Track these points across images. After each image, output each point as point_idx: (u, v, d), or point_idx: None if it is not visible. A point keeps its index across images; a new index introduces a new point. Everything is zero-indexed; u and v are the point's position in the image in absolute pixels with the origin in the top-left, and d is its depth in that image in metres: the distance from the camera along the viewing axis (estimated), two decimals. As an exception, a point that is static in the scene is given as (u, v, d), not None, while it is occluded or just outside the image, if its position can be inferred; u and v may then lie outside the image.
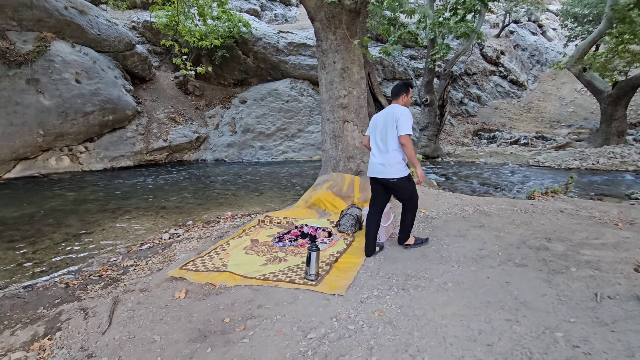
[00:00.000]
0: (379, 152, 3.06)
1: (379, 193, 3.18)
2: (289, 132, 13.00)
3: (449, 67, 12.40)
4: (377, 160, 3.07)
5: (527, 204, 4.56)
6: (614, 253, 2.81)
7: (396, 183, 3.01)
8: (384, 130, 3.00)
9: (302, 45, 13.55)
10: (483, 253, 2.87)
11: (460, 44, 16.31)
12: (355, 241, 3.61)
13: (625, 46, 14.21)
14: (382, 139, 3.02)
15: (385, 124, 3.00)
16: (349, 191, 4.77)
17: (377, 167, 3.06)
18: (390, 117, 2.95)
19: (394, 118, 2.91)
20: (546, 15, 26.07)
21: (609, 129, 12.91)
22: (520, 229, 3.44)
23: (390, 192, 3.19)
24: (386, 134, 2.98)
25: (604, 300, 2.07)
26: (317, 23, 4.78)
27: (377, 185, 3.16)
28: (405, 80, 3.06)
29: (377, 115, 3.20)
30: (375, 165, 3.09)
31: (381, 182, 3.09)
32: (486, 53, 20.06)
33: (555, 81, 22.11)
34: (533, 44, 23.57)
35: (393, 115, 2.93)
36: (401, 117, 2.88)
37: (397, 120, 2.88)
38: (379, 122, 3.10)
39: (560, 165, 10.83)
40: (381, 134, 3.03)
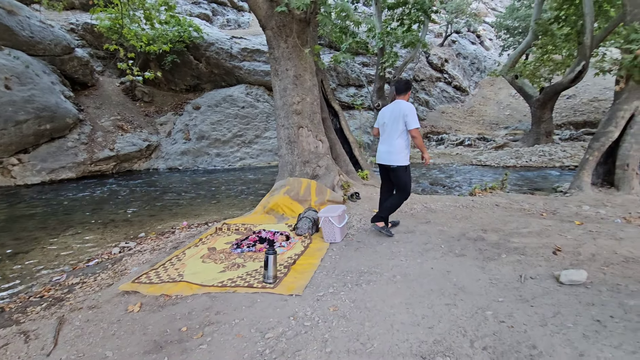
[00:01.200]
0: (385, 141, 3.50)
1: (385, 177, 3.71)
2: (246, 138, 12.87)
3: (398, 73, 13.08)
4: (383, 148, 3.53)
5: (468, 200, 4.99)
6: (537, 239, 3.20)
7: (396, 169, 3.46)
8: (390, 123, 3.42)
9: (257, 51, 13.53)
10: (428, 246, 3.12)
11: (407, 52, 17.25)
12: (313, 243, 3.72)
13: (549, 56, 15.96)
14: (389, 130, 3.44)
15: (392, 118, 3.40)
16: (305, 195, 4.88)
17: (383, 155, 3.53)
18: (397, 112, 3.34)
19: (401, 114, 3.30)
20: (483, 27, 28.43)
21: (538, 130, 14.37)
22: (461, 223, 3.77)
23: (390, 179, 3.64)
24: (392, 127, 3.40)
25: (527, 280, 2.37)
26: (268, 31, 4.87)
27: (383, 170, 3.68)
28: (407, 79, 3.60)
29: (385, 109, 3.61)
30: (381, 153, 3.56)
31: (385, 167, 3.59)
32: (432, 61, 21.37)
33: (493, 87, 24.15)
34: (473, 52, 25.57)
35: (400, 111, 3.32)
36: (409, 113, 3.29)
37: (405, 117, 3.29)
38: (386, 115, 3.52)
39: (499, 164, 11.86)
40: (389, 126, 3.44)
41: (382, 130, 3.60)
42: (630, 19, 5.60)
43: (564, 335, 1.70)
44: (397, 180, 3.55)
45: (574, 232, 3.40)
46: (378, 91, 12.50)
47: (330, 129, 6.22)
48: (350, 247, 3.39)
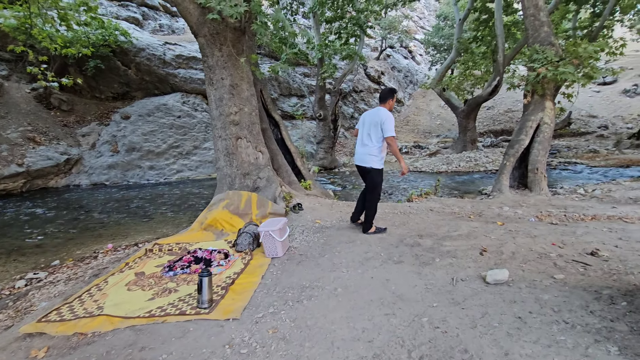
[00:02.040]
0: (364, 144, 3.70)
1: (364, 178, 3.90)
2: (184, 149, 12.17)
3: (338, 84, 13.45)
4: (360, 150, 3.77)
5: (406, 206, 5.22)
6: (466, 241, 3.42)
7: (370, 171, 3.69)
8: (370, 127, 3.63)
9: (193, 58, 12.96)
10: (369, 255, 3.16)
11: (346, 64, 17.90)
12: (254, 259, 3.56)
13: (470, 71, 17.72)
14: (367, 134, 3.65)
15: (371, 123, 3.62)
16: (246, 209, 4.69)
17: (361, 156, 3.75)
18: (376, 118, 3.56)
19: (380, 120, 3.52)
20: (414, 43, 30.70)
21: (465, 138, 15.77)
22: (400, 229, 3.91)
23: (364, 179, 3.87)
24: (369, 131, 3.62)
25: (458, 283, 2.50)
26: (200, 39, 4.65)
27: (360, 172, 3.91)
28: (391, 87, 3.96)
29: (366, 113, 3.82)
30: (358, 154, 3.80)
31: (360, 169, 3.82)
32: (369, 73, 22.41)
33: (425, 98, 26.08)
34: (406, 66, 27.40)
35: (379, 117, 3.54)
36: (386, 121, 3.49)
37: (382, 124, 3.50)
38: (366, 119, 3.73)
39: (433, 170, 12.75)
40: (367, 130, 3.65)
41: (360, 133, 3.80)
42: (532, 41, 6.42)
43: (491, 335, 1.80)
44: (370, 181, 3.77)
45: (497, 233, 3.70)
46: (319, 101, 12.71)
47: (270, 139, 6.11)
48: (292, 261, 3.30)
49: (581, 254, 3.05)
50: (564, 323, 1.84)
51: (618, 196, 6.01)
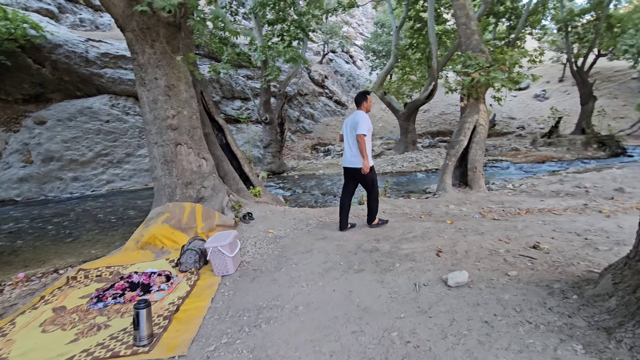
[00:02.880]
0: (349, 147, 3.97)
1: (349, 180, 4.16)
2: (114, 157, 10.99)
3: (283, 87, 13.24)
4: (348, 152, 4.00)
5: (358, 209, 5.18)
6: (422, 243, 3.44)
7: (360, 170, 3.88)
8: (351, 130, 3.92)
9: (122, 57, 11.79)
10: (328, 265, 3.00)
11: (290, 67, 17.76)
12: (201, 279, 3.19)
13: (407, 76, 18.71)
14: (350, 137, 3.93)
15: (352, 126, 3.91)
16: (190, 222, 4.26)
17: (349, 159, 3.99)
18: (354, 122, 3.87)
19: (355, 122, 3.82)
20: (354, 49, 31.66)
21: (406, 139, 16.54)
22: (356, 235, 3.82)
23: (357, 180, 4.08)
24: (351, 134, 3.91)
25: (421, 288, 2.45)
26: (128, 33, 4.12)
27: (348, 173, 4.11)
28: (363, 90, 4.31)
29: (347, 119, 4.07)
30: (347, 157, 4.02)
31: (350, 171, 4.03)
32: (313, 77, 22.54)
33: (367, 102, 26.99)
34: (348, 71, 28.11)
35: (355, 120, 3.85)
36: (359, 121, 3.81)
37: (357, 125, 3.79)
38: (347, 124, 4.01)
39: (379, 171, 13.11)
40: (350, 134, 3.94)
41: (346, 138, 4.04)
42: (464, 48, 6.86)
43: (463, 345, 1.74)
44: (365, 179, 4.00)
45: (448, 232, 3.79)
46: (265, 104, 12.36)
47: (214, 144, 5.70)
48: (245, 278, 3.02)
49: (525, 248, 3.22)
50: (528, 323, 1.85)
51: (543, 190, 6.65)
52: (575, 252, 3.03)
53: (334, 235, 3.83)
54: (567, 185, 6.76)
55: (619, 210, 4.82)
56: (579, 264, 2.70)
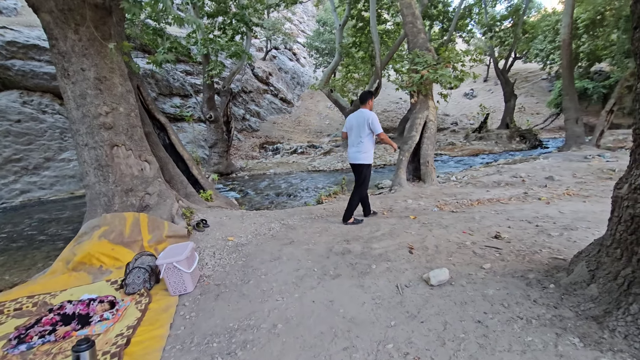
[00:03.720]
0: (354, 144, 4.09)
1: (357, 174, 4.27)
2: (29, 162, 9.46)
3: (227, 84, 12.57)
4: (353, 149, 4.12)
5: (320, 209, 5.01)
6: (392, 241, 3.37)
7: (362, 166, 4.11)
8: (356, 128, 4.02)
9: (34, 47, 10.17)
10: (301, 273, 2.78)
11: (233, 63, 17.00)
12: (154, 301, 2.76)
13: (351, 74, 19.06)
14: (356, 135, 4.03)
15: (358, 124, 4.01)
16: (133, 234, 3.71)
17: (353, 155, 4.13)
18: (362, 120, 3.97)
19: (365, 121, 3.94)
20: (297, 46, 31.49)
21: (354, 136, 16.84)
22: (324, 237, 3.64)
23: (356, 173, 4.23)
24: (359, 132, 4.00)
25: (404, 290, 2.35)
26: (45, 15, 3.44)
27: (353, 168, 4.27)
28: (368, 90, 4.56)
29: (351, 116, 4.17)
30: (351, 153, 4.17)
31: (355, 166, 4.19)
32: (257, 73, 21.89)
33: (313, 99, 27.02)
34: (292, 68, 27.86)
35: (364, 119, 3.95)
36: (372, 121, 3.94)
37: (370, 124, 3.94)
38: (352, 122, 4.10)
39: (330, 168, 13.14)
40: (356, 132, 4.04)
41: (349, 135, 4.16)
42: (412, 46, 7.05)
43: (465, 351, 1.65)
44: (360, 175, 4.18)
45: (414, 227, 3.79)
46: (208, 101, 11.61)
47: (157, 145, 5.10)
48: (208, 295, 2.66)
49: (489, 239, 3.32)
50: (519, 319, 1.83)
51: (486, 181, 7.12)
52: (534, 240, 3.19)
53: (300, 239, 3.61)
54: (506, 176, 7.33)
55: (554, 196, 5.30)
56: (542, 252, 2.83)
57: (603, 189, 5.65)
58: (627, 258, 1.68)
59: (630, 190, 1.66)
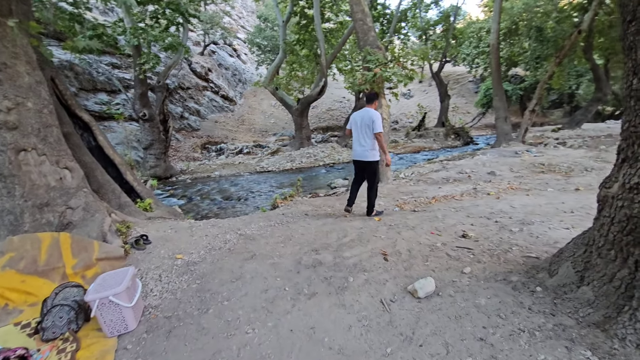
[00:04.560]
0: (361, 142, 4.12)
1: (359, 172, 4.36)
2: None
3: (163, 79, 11.46)
4: (360, 147, 4.14)
5: (278, 214, 4.64)
6: (363, 247, 3.16)
7: (370, 163, 4.15)
8: (363, 127, 4.07)
9: None
10: (271, 294, 2.41)
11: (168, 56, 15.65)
12: (83, 348, 2.18)
13: (295, 72, 18.76)
14: (362, 133, 4.09)
15: (363, 122, 4.07)
16: (52, 260, 2.99)
17: (360, 152, 4.15)
18: (367, 118, 4.04)
19: (370, 119, 4.01)
20: (237, 42, 30.29)
21: (301, 135, 16.58)
22: (289, 247, 3.30)
23: (364, 171, 4.27)
24: (363, 130, 4.08)
25: (390, 306, 2.13)
26: None
27: (358, 166, 4.31)
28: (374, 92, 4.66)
29: (356, 115, 4.19)
30: (357, 151, 4.19)
31: (361, 163, 4.21)
32: (195, 69, 20.53)
33: (256, 97, 26.18)
34: (233, 64, 26.70)
35: (370, 117, 4.02)
36: (376, 120, 4.00)
37: (373, 122, 4.00)
38: (357, 120, 4.14)
39: (279, 168, 12.72)
40: (361, 129, 4.09)
41: (354, 133, 4.21)
42: (362, 44, 6.97)
43: (479, 378, 1.47)
44: (371, 171, 4.21)
45: (382, 230, 3.64)
46: (141, 98, 10.44)
47: (81, 148, 4.30)
48: (157, 332, 2.18)
49: (457, 239, 3.28)
50: (522, 332, 1.71)
51: (435, 177, 7.36)
52: (499, 237, 3.22)
53: (263, 251, 3.22)
54: (452, 172, 7.65)
55: (500, 191, 5.60)
56: (512, 250, 2.83)
57: (539, 182, 6.13)
58: (622, 259, 1.64)
59: (624, 190, 1.62)
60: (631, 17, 1.50)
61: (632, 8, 1.49)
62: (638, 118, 1.52)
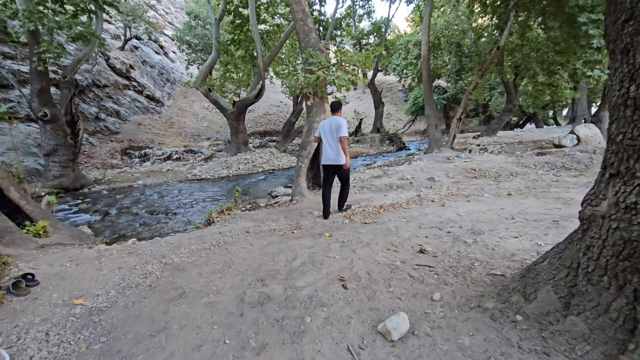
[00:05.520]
0: (331, 147, 4.56)
1: (330, 175, 4.74)
2: None
3: (70, 73, 9.78)
4: (330, 152, 4.57)
5: (214, 233, 4.00)
6: (317, 273, 2.75)
7: (342, 166, 4.55)
8: (332, 133, 4.52)
9: None
10: (207, 351, 1.84)
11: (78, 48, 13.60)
12: None
13: (230, 74, 17.79)
14: (332, 139, 4.53)
15: (332, 129, 4.51)
16: None
17: (331, 157, 4.57)
18: (335, 125, 4.49)
19: (338, 125, 4.46)
20: (165, 39, 27.97)
21: (237, 140, 15.67)
22: (228, 278, 2.73)
23: (335, 174, 4.69)
24: (332, 136, 4.52)
25: (360, 356, 1.74)
26: None
27: (329, 169, 4.70)
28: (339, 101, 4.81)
29: (324, 123, 4.64)
30: (329, 155, 4.60)
31: (332, 167, 4.63)
32: (114, 65, 18.33)
33: (187, 99, 24.34)
34: (159, 62, 24.53)
35: (337, 124, 4.47)
36: (342, 125, 4.44)
37: (340, 128, 4.44)
38: (326, 127, 4.59)
39: (214, 175, 11.73)
40: (330, 135, 4.54)
41: (324, 139, 4.56)
42: (304, 45, 6.63)
43: None
44: (343, 174, 4.63)
45: (334, 249, 3.27)
46: (40, 94, 8.73)
47: None
48: None
49: (416, 254, 3.06)
50: (521, 382, 1.45)
51: (378, 184, 7.29)
52: (456, 251, 3.07)
53: (195, 286, 2.60)
54: (394, 178, 7.68)
55: (443, 197, 5.65)
56: (475, 266, 2.67)
57: (475, 187, 6.37)
58: (618, 287, 1.47)
59: (617, 209, 1.45)
60: (628, 15, 1.33)
61: (629, 5, 1.32)
62: (636, 130, 1.36)
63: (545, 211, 4.43)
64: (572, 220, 3.93)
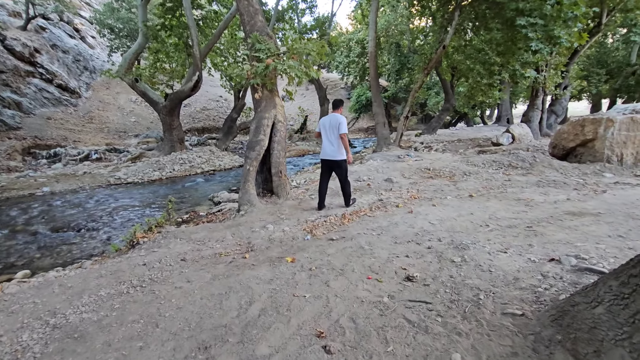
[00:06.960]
0: (330, 143, 4.67)
1: (327, 170, 4.92)
2: None
3: (-61, 52, 7.55)
4: (329, 148, 4.70)
5: (136, 264, 3.00)
6: (284, 326, 2.00)
7: (339, 162, 4.71)
8: (332, 129, 4.64)
9: None
10: None
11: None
12: None
13: (161, 64, 15.90)
14: (332, 135, 4.64)
15: (332, 125, 4.63)
16: None
17: (330, 153, 4.70)
18: (335, 122, 4.61)
19: (337, 122, 4.58)
20: (81, 21, 24.37)
21: (171, 137, 13.98)
22: (153, 349, 1.83)
23: (332, 170, 4.85)
24: (331, 132, 4.64)
25: None
26: None
27: (326, 164, 4.87)
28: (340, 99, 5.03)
29: (324, 119, 4.77)
30: (327, 151, 4.73)
31: (329, 162, 4.79)
32: (13, 47, 15.29)
33: (110, 90, 21.43)
34: (75, 47, 21.25)
35: (337, 121, 4.60)
36: (342, 123, 4.56)
37: (340, 125, 4.57)
38: (326, 124, 4.71)
39: (143, 179, 10.15)
40: (331, 132, 4.65)
41: (324, 135, 4.73)
42: (249, 29, 5.73)
43: None
44: (340, 170, 4.77)
45: (302, 282, 2.54)
46: None
47: None
48: None
49: (403, 284, 2.48)
50: None
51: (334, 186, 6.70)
52: (448, 276, 2.55)
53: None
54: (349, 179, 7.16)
55: (407, 202, 5.24)
56: (482, 301, 2.15)
57: (434, 189, 6.09)
58: None
59: None
60: None
61: None
62: None
63: (514, 215, 4.21)
64: (543, 226, 3.73)
